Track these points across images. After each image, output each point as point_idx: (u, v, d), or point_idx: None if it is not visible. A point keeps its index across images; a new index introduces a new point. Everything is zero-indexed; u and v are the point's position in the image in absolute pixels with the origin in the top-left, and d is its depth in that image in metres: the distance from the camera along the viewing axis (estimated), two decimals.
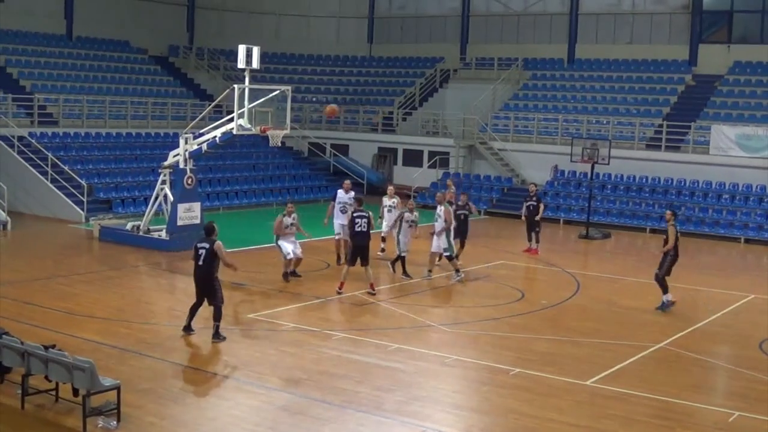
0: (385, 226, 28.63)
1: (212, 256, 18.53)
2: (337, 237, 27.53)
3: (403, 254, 26.12)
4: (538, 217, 31.06)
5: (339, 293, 23.32)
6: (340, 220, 27.24)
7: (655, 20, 49.01)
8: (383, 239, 29.18)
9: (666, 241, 23.35)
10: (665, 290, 23.23)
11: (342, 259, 26.62)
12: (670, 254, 23.17)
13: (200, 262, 18.56)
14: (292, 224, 24.80)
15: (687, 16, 47.97)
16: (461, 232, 28.01)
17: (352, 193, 27.63)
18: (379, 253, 28.65)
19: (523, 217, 32.14)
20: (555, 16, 51.66)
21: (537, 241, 31.29)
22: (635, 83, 47.39)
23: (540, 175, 43.27)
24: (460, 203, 28.51)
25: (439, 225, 26.00)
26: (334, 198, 28.04)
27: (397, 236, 26.08)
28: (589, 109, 46.13)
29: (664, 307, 23.07)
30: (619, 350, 19.22)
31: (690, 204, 38.88)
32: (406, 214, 26.30)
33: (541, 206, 31.50)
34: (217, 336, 18.76)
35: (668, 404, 15.77)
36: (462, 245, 28.32)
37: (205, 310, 18.93)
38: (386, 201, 29.24)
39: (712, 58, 46.63)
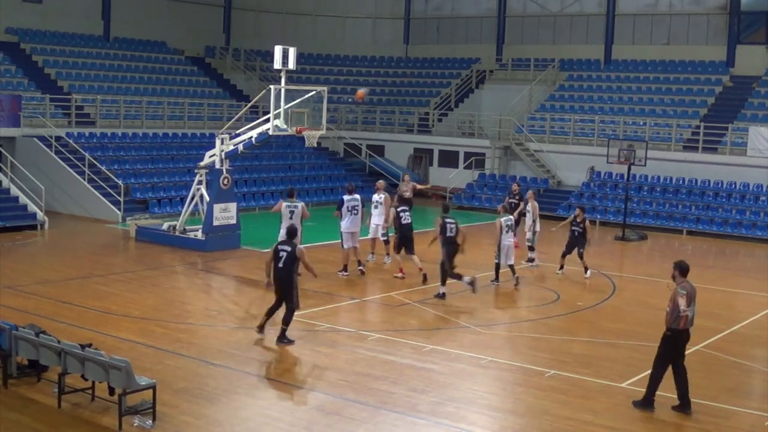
0: (373, 226, 27.67)
1: (293, 260, 18.48)
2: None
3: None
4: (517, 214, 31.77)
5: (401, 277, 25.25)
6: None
7: (693, 21, 48.74)
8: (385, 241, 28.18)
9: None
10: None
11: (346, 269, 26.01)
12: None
13: (280, 264, 18.48)
14: None
15: (724, 17, 47.68)
16: None
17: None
18: (369, 258, 28.04)
19: None
20: (591, 16, 51.51)
21: (515, 235, 31.61)
22: (672, 84, 47.15)
23: (576, 176, 43.18)
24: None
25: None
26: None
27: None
28: (626, 110, 45.93)
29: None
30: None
31: (727, 206, 38.61)
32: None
33: (522, 204, 31.99)
34: (282, 339, 18.71)
35: (704, 407, 15.62)
36: None
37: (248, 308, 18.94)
38: (375, 197, 27.90)
39: (749, 58, 46.36)
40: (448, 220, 23.62)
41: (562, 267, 27.58)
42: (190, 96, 46.76)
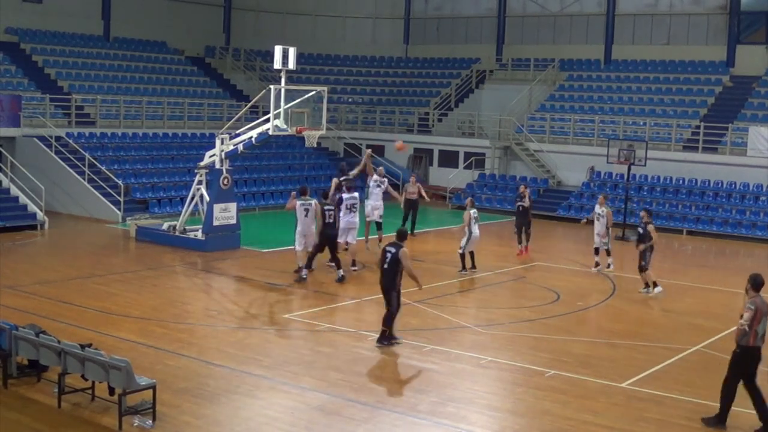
0: (368, 208, 29.76)
1: (395, 262, 18.49)
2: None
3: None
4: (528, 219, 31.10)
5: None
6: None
7: (693, 21, 48.71)
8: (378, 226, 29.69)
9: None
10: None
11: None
12: None
13: (385, 266, 18.60)
14: None
15: (724, 17, 47.66)
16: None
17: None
18: (366, 248, 28.78)
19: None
20: (591, 16, 51.50)
21: (527, 241, 31.13)
22: (672, 84, 47.13)
23: (576, 176, 43.16)
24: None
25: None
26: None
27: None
28: (626, 110, 45.91)
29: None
30: (655, 352, 19.11)
31: (727, 206, 38.59)
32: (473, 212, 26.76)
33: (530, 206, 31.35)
34: (381, 340, 18.78)
35: (704, 407, 15.59)
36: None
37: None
38: (375, 178, 30.36)
39: (749, 58, 46.32)
40: (327, 208, 25.28)
41: (650, 285, 25.06)
42: (190, 96, 46.75)
